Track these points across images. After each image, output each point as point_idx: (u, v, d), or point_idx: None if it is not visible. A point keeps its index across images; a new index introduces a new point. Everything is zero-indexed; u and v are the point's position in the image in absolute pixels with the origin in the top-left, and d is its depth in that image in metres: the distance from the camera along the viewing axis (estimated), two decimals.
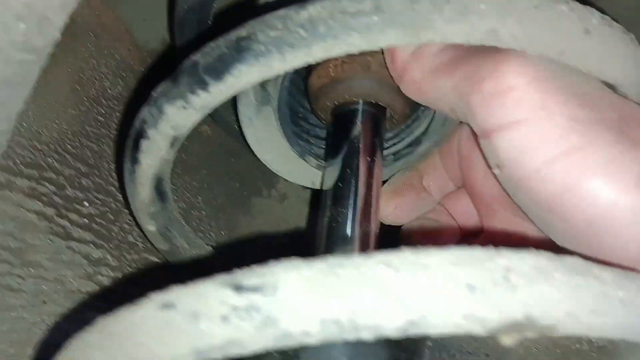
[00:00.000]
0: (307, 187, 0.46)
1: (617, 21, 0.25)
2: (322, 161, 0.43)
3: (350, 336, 0.18)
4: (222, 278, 0.19)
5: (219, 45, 0.25)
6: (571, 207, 0.25)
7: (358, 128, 0.37)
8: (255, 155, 0.42)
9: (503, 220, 0.36)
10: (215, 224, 0.55)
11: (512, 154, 0.26)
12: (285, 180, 0.59)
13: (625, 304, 0.18)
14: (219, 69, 0.25)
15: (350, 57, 0.37)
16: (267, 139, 0.40)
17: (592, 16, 0.23)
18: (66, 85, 0.45)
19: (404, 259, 0.17)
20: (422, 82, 0.30)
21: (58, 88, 0.44)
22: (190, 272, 0.44)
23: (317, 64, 0.37)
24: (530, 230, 0.33)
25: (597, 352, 0.35)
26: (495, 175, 0.28)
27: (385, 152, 0.42)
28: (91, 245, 0.44)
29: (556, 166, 0.24)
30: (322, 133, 0.45)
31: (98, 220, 0.45)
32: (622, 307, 0.18)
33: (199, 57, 0.26)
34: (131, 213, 0.37)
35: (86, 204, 0.45)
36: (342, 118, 0.38)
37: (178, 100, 0.26)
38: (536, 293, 0.17)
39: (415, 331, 0.17)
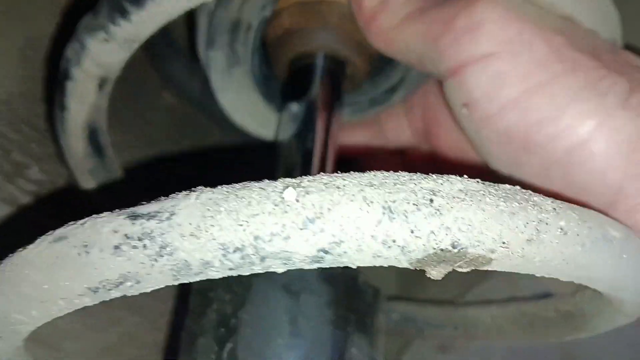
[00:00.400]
0: None
1: None
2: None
3: (258, 268, 0.16)
4: (119, 210, 0.17)
5: None
6: (551, 137, 0.23)
7: (315, 84, 0.35)
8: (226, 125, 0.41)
9: None
10: None
11: (485, 88, 0.25)
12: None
13: (565, 233, 0.16)
14: None
15: (306, 5, 0.35)
16: (242, 103, 0.38)
17: None
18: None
19: (317, 181, 0.15)
20: (391, 31, 0.28)
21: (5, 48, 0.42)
22: None
23: (273, 15, 0.35)
24: None
25: (563, 320, 0.33)
26: (459, 120, 0.27)
27: (360, 98, 0.40)
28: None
29: (537, 95, 0.23)
30: None
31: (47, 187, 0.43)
32: (561, 236, 0.16)
33: None
34: (69, 169, 0.34)
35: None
36: (298, 73, 0.36)
37: (99, 32, 0.24)
38: (465, 219, 0.15)
39: (329, 261, 0.15)
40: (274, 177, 0.32)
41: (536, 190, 0.17)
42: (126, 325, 0.41)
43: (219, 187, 0.16)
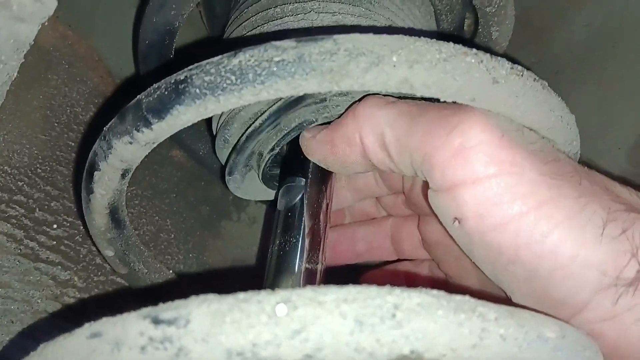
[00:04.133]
0: None
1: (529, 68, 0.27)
2: None
3: None
4: (145, 310, 0.21)
5: (160, 87, 0.27)
6: (536, 258, 0.26)
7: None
8: None
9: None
10: (184, 247, 0.56)
11: (479, 208, 0.26)
12: (256, 203, 0.61)
13: (505, 339, 0.19)
14: (160, 109, 0.27)
15: None
16: (251, 190, 0.42)
17: (500, 66, 0.25)
18: (37, 111, 0.47)
19: (303, 296, 0.19)
20: (383, 136, 0.29)
21: (29, 114, 0.46)
22: (154, 295, 0.46)
23: None
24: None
25: None
26: (449, 230, 0.29)
27: None
28: (59, 267, 0.45)
29: (526, 219, 0.26)
30: None
31: (66, 242, 0.47)
32: (502, 342, 0.19)
33: (143, 97, 0.27)
34: (92, 238, 0.38)
35: (55, 226, 0.47)
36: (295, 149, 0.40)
37: (124, 136, 0.28)
38: (420, 329, 0.19)
39: None
40: (271, 250, 0.35)
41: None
42: None
43: (225, 297, 0.20)
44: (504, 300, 0.28)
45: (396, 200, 0.42)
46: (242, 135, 0.36)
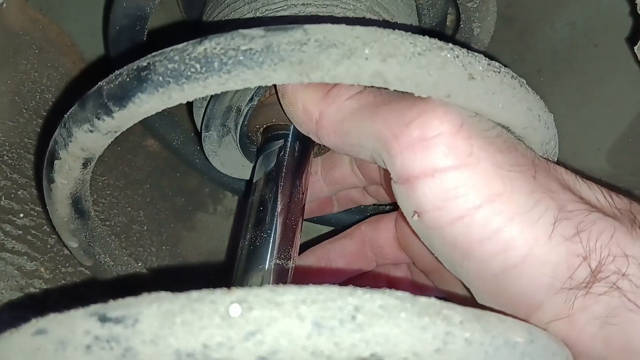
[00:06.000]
0: None
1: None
2: None
3: None
4: (93, 307, 0.20)
5: (122, 73, 0.26)
6: (488, 255, 0.25)
7: (284, 152, 0.38)
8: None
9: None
10: (157, 239, 0.55)
11: (435, 201, 0.26)
12: (233, 196, 0.60)
13: (470, 344, 0.19)
14: (122, 97, 0.25)
15: None
16: (228, 159, 0.41)
17: (477, 62, 0.25)
18: (5, 96, 0.45)
19: (260, 296, 0.18)
20: (341, 124, 0.29)
21: None
22: (121, 286, 0.45)
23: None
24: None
25: None
26: (409, 222, 0.28)
27: None
28: (25, 257, 0.44)
29: (479, 214, 0.25)
30: None
31: (33, 232, 0.45)
32: (467, 347, 0.18)
33: (104, 84, 0.26)
34: (55, 229, 0.37)
35: (22, 215, 0.45)
36: (269, 142, 0.39)
37: (85, 124, 0.27)
38: (381, 333, 0.18)
39: None
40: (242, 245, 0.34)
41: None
42: None
43: (178, 296, 0.19)
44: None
45: (379, 188, 0.41)
46: None
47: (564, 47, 0.50)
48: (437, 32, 0.45)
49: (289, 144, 0.39)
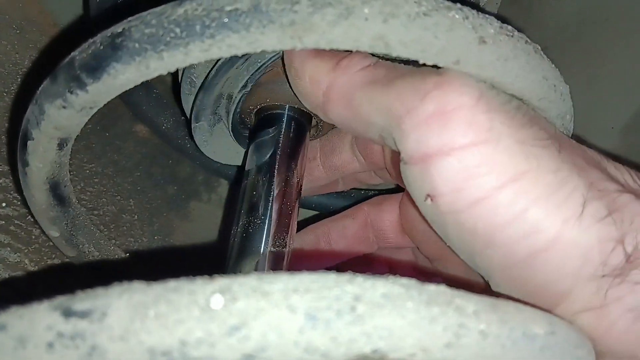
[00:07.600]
0: None
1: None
2: None
3: None
4: (57, 300, 0.17)
5: (95, 41, 0.23)
6: (513, 239, 0.23)
7: (278, 135, 0.36)
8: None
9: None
10: (149, 229, 0.52)
11: (453, 182, 0.23)
12: (228, 184, 0.57)
13: (486, 337, 0.16)
14: (95, 68, 0.23)
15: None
16: (220, 147, 0.39)
17: (489, 25, 0.22)
18: None
19: (245, 285, 0.16)
20: (352, 97, 0.26)
21: None
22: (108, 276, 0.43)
23: None
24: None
25: None
26: (420, 208, 0.25)
27: None
28: (8, 248, 0.42)
29: (502, 194, 0.23)
30: None
31: (16, 222, 0.43)
32: (481, 340, 0.16)
33: (76, 54, 0.24)
34: (33, 217, 0.35)
35: (4, 204, 0.43)
36: (263, 123, 0.36)
37: (57, 100, 0.25)
38: (385, 325, 0.15)
39: None
40: (234, 231, 0.32)
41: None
42: None
43: (152, 285, 0.16)
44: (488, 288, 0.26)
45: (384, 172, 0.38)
46: (210, 71, 0.32)
47: (573, 22, 0.48)
48: None
49: (283, 124, 0.36)
